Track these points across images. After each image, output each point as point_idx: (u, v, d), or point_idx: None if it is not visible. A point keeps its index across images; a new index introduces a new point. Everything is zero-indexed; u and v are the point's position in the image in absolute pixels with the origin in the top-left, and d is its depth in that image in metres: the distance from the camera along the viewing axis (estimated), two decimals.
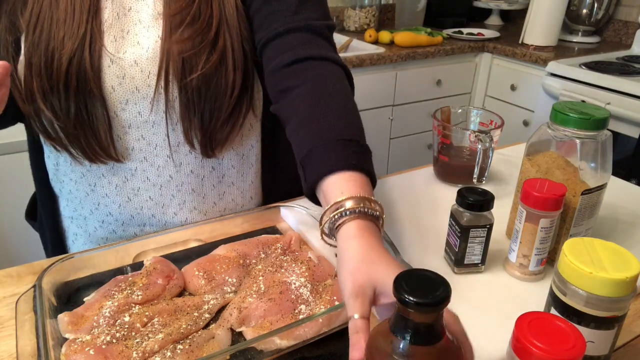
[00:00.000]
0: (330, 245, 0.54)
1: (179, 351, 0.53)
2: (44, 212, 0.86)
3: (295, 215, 0.77)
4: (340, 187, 0.53)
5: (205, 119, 0.72)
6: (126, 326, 0.55)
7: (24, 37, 0.67)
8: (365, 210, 0.51)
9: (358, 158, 0.56)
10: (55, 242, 0.86)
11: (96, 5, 0.69)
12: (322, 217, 0.53)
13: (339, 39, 2.15)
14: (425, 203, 0.85)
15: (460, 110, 0.94)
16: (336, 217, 0.52)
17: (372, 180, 0.57)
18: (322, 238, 0.54)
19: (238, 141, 0.80)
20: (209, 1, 0.70)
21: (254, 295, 0.60)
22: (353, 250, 0.49)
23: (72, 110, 0.68)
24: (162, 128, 0.73)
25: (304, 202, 0.84)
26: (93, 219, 0.80)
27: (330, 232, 0.54)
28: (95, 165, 0.75)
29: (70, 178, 0.78)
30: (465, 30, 2.40)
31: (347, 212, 0.51)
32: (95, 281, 0.64)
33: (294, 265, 0.65)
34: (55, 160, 0.79)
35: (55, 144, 0.72)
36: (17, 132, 0.79)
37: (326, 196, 0.54)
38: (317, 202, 0.59)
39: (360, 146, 0.58)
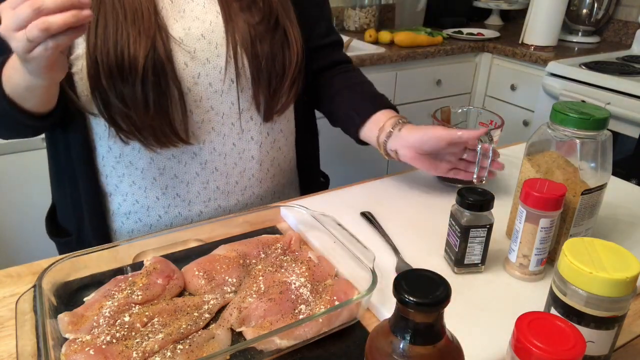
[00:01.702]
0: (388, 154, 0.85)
1: (179, 351, 0.53)
2: (91, 219, 0.83)
3: (295, 215, 0.77)
4: (389, 113, 0.86)
5: (272, 85, 0.79)
6: (126, 326, 0.55)
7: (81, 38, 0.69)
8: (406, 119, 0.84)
9: (388, 102, 0.89)
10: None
11: (155, 1, 0.72)
12: (382, 128, 0.84)
13: None
14: (425, 203, 0.85)
15: (460, 110, 0.94)
16: (400, 121, 0.83)
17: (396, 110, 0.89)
18: (383, 149, 0.85)
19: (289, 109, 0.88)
20: None
21: (254, 295, 0.60)
22: (420, 126, 0.80)
23: (150, 100, 0.71)
24: (230, 96, 0.79)
25: (304, 202, 0.84)
26: (158, 206, 0.82)
27: (387, 136, 0.82)
28: (165, 149, 0.77)
29: (136, 167, 0.79)
30: (465, 30, 2.40)
31: (402, 121, 0.83)
32: (95, 281, 0.64)
33: (294, 265, 0.65)
34: (119, 152, 0.79)
35: (126, 134, 0.74)
36: None
37: (380, 119, 0.85)
38: (359, 140, 0.90)
39: (384, 96, 0.91)
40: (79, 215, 0.85)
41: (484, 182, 0.83)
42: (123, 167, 0.80)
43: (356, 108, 0.88)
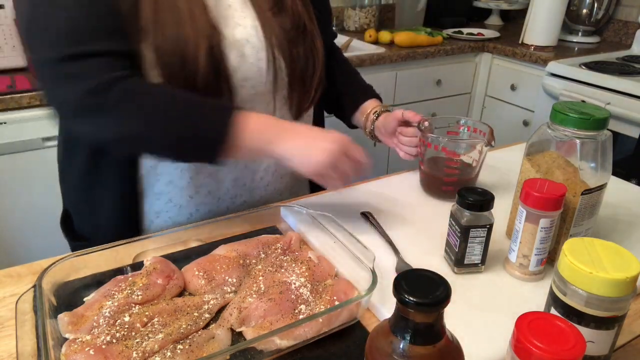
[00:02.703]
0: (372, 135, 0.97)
1: (179, 351, 0.53)
2: (117, 220, 0.83)
3: (295, 215, 0.77)
4: (374, 103, 0.99)
5: (306, 85, 0.83)
6: (126, 326, 0.55)
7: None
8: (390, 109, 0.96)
9: (374, 92, 1.02)
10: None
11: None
12: (368, 115, 0.97)
13: (339, 39, 2.15)
14: (425, 203, 0.85)
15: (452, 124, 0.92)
16: (381, 110, 0.95)
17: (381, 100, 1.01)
18: (367, 131, 0.97)
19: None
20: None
21: (254, 295, 0.60)
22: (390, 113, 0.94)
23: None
24: (267, 96, 0.81)
25: (304, 202, 0.84)
26: (190, 205, 0.84)
27: (371, 123, 0.96)
28: None
29: (175, 167, 0.79)
30: (465, 30, 2.40)
31: (382, 109, 0.96)
32: (95, 281, 0.64)
33: (294, 265, 0.65)
34: None
35: None
36: (18, 133, 0.79)
37: (367, 108, 0.98)
38: (349, 123, 1.02)
39: (370, 86, 1.03)
40: (98, 220, 0.84)
41: (412, 158, 0.92)
42: (163, 167, 0.80)
43: (351, 97, 1.01)
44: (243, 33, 0.76)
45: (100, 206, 0.83)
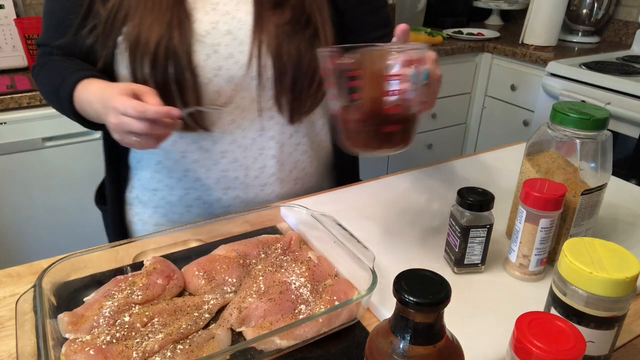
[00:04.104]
0: None
1: (179, 351, 0.53)
2: (112, 189, 0.91)
3: (295, 215, 0.77)
4: None
5: (297, 87, 0.80)
6: (126, 326, 0.55)
7: (104, 21, 0.74)
8: None
9: None
10: (119, 222, 0.92)
11: None
12: None
13: None
14: (425, 203, 0.85)
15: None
16: None
17: None
18: None
19: (317, 112, 0.89)
20: None
21: (254, 295, 0.60)
22: None
23: (162, 87, 0.74)
24: (250, 92, 0.80)
25: (304, 202, 0.84)
26: (180, 187, 0.86)
27: None
28: (187, 132, 0.80)
29: (161, 147, 0.81)
30: (465, 30, 2.40)
31: None
32: (95, 281, 0.64)
33: (294, 265, 0.65)
34: None
35: None
36: (18, 133, 0.80)
37: None
38: None
39: None
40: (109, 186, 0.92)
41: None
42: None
43: None
44: (228, 24, 0.76)
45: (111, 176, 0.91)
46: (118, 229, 0.93)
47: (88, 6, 0.76)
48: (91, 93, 0.72)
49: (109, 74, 0.78)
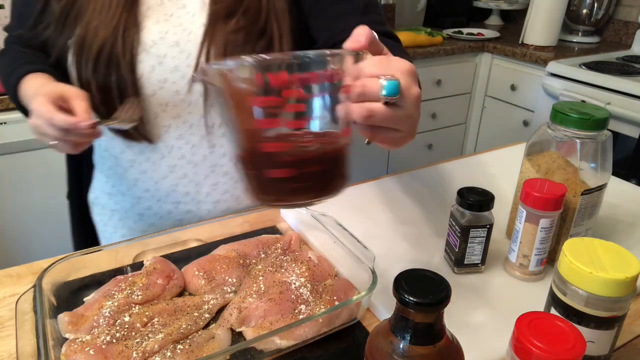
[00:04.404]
0: None
1: (179, 351, 0.53)
2: (72, 188, 0.92)
3: (295, 215, 0.77)
4: None
5: None
6: (126, 326, 0.55)
7: (56, 20, 0.74)
8: None
9: None
10: (81, 220, 0.93)
11: None
12: None
13: None
14: (425, 203, 0.85)
15: None
16: None
17: None
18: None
19: None
20: None
21: (254, 295, 0.60)
22: None
23: (104, 93, 0.73)
24: (198, 108, 0.77)
25: None
26: (130, 195, 0.85)
27: None
28: (134, 142, 0.79)
29: (111, 154, 0.82)
30: (465, 30, 2.40)
31: None
32: (95, 281, 0.64)
33: (294, 265, 0.65)
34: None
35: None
36: (18, 133, 0.80)
37: None
38: None
39: None
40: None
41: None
42: (103, 150, 0.84)
43: None
44: (177, 35, 0.73)
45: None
46: (81, 228, 0.93)
47: (44, 2, 0.75)
48: (29, 89, 0.71)
49: (63, 70, 0.76)
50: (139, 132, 0.77)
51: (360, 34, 0.45)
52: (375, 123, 0.44)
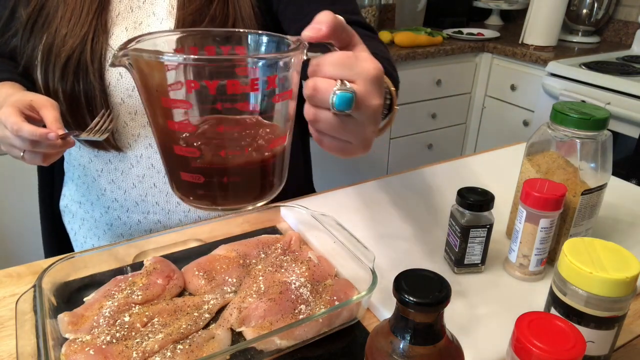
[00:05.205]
0: None
1: (179, 351, 0.53)
2: (43, 195, 0.90)
3: (295, 215, 0.77)
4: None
5: None
6: (126, 326, 0.55)
7: (23, 27, 0.72)
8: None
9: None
10: (53, 229, 0.91)
11: (103, 4, 0.72)
12: None
13: None
14: (425, 203, 0.85)
15: None
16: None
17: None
18: None
19: None
20: (225, 2, 0.72)
21: (254, 295, 0.60)
22: None
23: (71, 101, 0.71)
24: None
25: (304, 202, 0.84)
26: (99, 204, 0.83)
27: None
28: (102, 151, 0.78)
29: (79, 163, 0.81)
30: (465, 30, 2.40)
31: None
32: (95, 281, 0.64)
33: (294, 265, 0.65)
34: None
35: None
36: None
37: None
38: None
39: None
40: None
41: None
42: (73, 159, 0.83)
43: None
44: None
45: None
46: (53, 235, 0.92)
47: (12, 9, 0.74)
48: None
49: (31, 79, 0.75)
50: (108, 142, 0.76)
51: (322, 21, 0.39)
52: (320, 129, 0.40)
